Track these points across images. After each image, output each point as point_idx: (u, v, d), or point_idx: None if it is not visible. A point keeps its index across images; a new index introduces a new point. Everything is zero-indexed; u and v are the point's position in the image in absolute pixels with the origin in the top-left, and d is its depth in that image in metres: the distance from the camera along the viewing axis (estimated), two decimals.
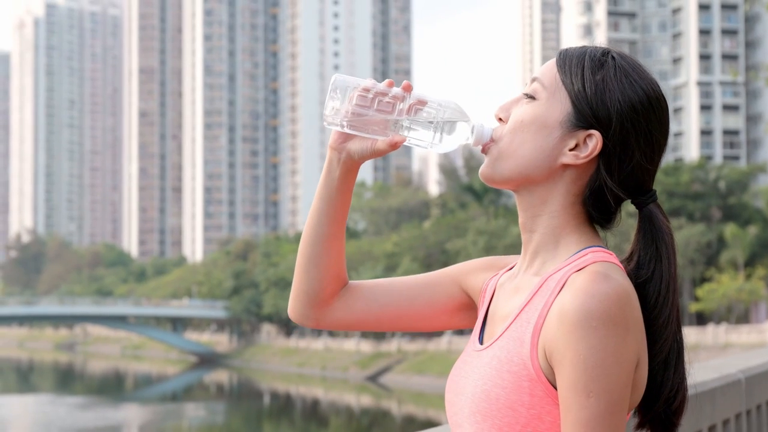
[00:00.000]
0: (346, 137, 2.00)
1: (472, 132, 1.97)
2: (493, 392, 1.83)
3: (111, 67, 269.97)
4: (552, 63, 1.95)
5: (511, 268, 2.05)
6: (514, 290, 1.95)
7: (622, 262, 1.91)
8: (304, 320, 2.11)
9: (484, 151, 1.96)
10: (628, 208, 2.00)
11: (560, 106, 1.90)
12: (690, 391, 3.75)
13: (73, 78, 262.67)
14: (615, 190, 1.89)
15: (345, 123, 1.96)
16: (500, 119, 1.97)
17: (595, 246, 1.89)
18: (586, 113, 1.88)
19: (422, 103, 1.95)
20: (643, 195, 1.93)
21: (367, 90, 1.94)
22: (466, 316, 2.15)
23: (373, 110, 1.94)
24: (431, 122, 1.96)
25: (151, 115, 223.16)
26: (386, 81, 1.96)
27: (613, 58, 1.92)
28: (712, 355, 52.28)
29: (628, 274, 1.88)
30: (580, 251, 1.87)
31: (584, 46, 1.95)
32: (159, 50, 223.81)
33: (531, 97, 1.93)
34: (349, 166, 2.02)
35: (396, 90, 1.95)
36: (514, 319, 1.87)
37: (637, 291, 1.84)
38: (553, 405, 1.79)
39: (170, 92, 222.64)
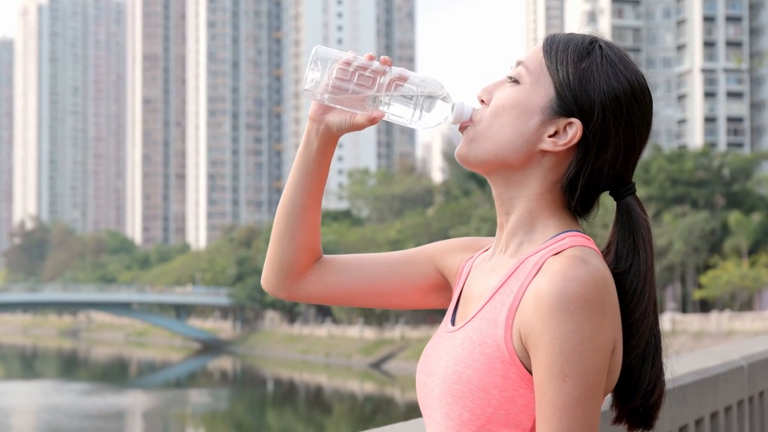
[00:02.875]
0: (325, 109, 1.99)
1: (452, 110, 1.95)
2: (465, 374, 1.80)
3: (115, 54, 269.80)
4: (538, 48, 1.93)
5: (487, 250, 2.03)
6: (489, 270, 1.93)
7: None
8: (277, 291, 2.11)
9: (462, 130, 1.94)
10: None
11: (543, 92, 1.88)
12: (693, 378, 3.78)
13: (77, 65, 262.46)
14: (592, 179, 1.87)
15: (325, 95, 1.95)
16: (482, 101, 1.95)
17: (572, 230, 1.87)
18: (569, 101, 1.86)
19: (403, 78, 1.94)
20: (621, 187, 1.91)
21: (347, 63, 1.92)
22: (440, 296, 2.13)
23: (353, 84, 1.93)
24: (411, 98, 1.95)
25: (155, 102, 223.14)
26: (367, 54, 1.95)
27: (600, 47, 1.90)
28: (716, 342, 52.29)
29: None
30: (557, 235, 1.86)
31: (572, 34, 1.93)
32: (163, 37, 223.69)
33: (515, 80, 1.91)
34: (327, 138, 2.01)
35: (376, 64, 1.94)
36: (488, 300, 1.85)
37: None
38: (526, 388, 1.77)
39: (174, 79, 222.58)
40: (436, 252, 2.12)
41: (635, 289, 1.84)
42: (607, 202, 1.97)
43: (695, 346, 54.46)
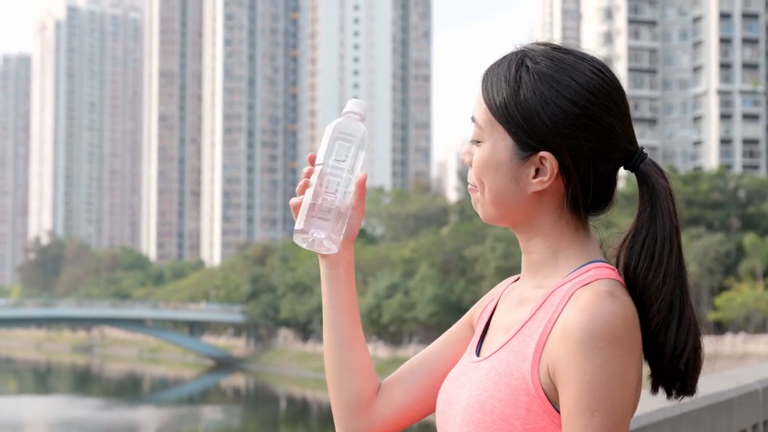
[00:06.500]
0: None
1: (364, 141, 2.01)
2: (489, 404, 1.81)
3: (131, 70, 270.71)
4: (480, 97, 1.90)
5: (517, 280, 2.01)
6: (518, 302, 1.92)
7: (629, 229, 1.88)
8: None
9: (472, 192, 1.94)
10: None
11: (503, 143, 1.85)
12: (707, 402, 3.75)
13: (94, 81, 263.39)
14: (590, 184, 1.85)
15: (332, 240, 1.99)
16: (470, 163, 1.93)
17: (597, 261, 1.85)
18: (526, 141, 1.83)
19: (318, 168, 2.00)
20: (629, 160, 1.87)
21: (314, 202, 1.99)
22: None
23: (332, 204, 1.98)
24: (343, 160, 1.99)
25: (171, 118, 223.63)
26: (301, 182, 2.01)
27: (527, 68, 1.86)
28: (730, 365, 52.05)
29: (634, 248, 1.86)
30: (582, 266, 1.84)
31: (501, 63, 1.90)
32: (179, 54, 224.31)
33: (477, 141, 1.90)
34: (346, 254, 2.07)
35: (314, 176, 2.00)
36: (516, 332, 1.85)
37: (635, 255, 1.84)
38: (549, 422, 1.77)
39: (190, 96, 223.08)
40: (472, 314, 2.11)
41: (654, 255, 1.83)
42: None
43: (709, 369, 54.14)
